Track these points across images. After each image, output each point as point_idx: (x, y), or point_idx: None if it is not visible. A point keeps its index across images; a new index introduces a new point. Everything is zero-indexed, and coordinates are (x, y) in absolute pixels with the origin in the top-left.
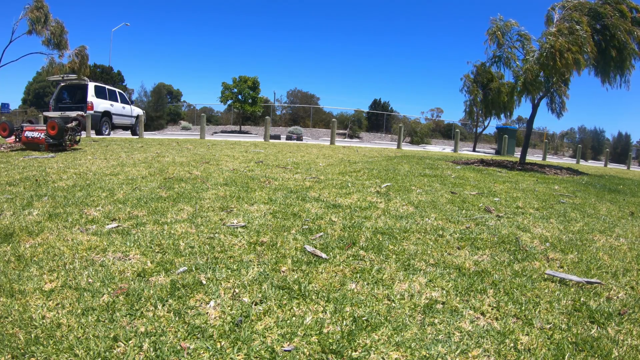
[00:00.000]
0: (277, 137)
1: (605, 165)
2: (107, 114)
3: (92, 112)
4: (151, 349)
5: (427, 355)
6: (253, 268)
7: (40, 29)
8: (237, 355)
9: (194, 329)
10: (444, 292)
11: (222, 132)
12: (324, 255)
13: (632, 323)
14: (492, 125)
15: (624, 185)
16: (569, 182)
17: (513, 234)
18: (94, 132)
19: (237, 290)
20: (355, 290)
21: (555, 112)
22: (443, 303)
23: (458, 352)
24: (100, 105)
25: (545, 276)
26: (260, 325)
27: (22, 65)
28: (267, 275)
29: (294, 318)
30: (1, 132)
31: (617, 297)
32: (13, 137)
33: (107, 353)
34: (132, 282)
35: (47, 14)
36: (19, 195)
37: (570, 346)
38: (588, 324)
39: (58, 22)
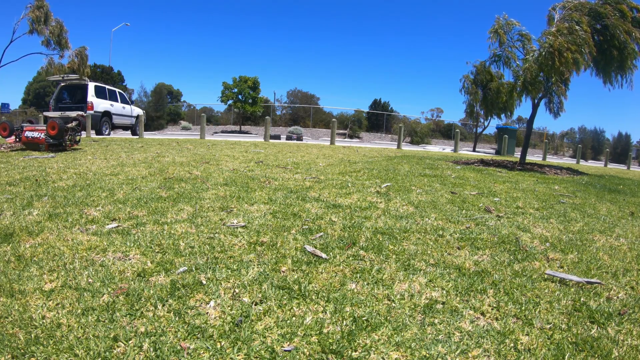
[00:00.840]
0: (277, 137)
1: (605, 165)
2: (107, 114)
3: (92, 112)
4: (151, 349)
5: (427, 355)
6: (253, 268)
7: (41, 28)
8: (237, 355)
9: (194, 329)
10: (444, 292)
11: (222, 132)
12: (324, 255)
13: (632, 323)
14: (492, 125)
15: (624, 185)
16: (569, 182)
17: (513, 234)
18: (94, 132)
19: (237, 290)
20: (355, 290)
21: (553, 112)
22: (443, 303)
23: (458, 352)
24: (100, 105)
25: (545, 276)
26: (260, 325)
27: (22, 65)
28: (267, 275)
29: (294, 318)
30: (1, 132)
31: (617, 297)
32: (13, 137)
33: (107, 353)
34: (132, 282)
35: (48, 12)
36: (19, 195)
37: (570, 346)
38: (588, 324)
39: (58, 22)
